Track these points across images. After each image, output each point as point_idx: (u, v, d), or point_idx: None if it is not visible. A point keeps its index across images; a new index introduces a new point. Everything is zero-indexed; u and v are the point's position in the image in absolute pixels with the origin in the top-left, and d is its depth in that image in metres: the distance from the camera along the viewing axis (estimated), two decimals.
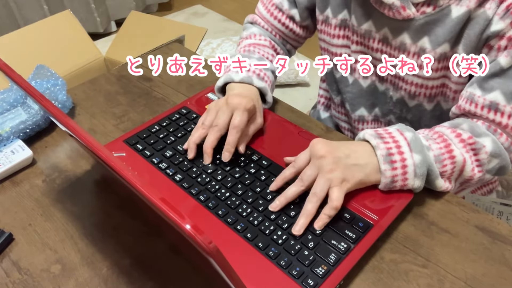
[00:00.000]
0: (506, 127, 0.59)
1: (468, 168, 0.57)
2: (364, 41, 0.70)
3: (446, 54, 0.63)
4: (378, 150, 0.55)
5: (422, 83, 0.68)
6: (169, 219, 0.31)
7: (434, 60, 0.64)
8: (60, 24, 1.45)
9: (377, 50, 0.70)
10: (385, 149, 0.55)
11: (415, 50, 0.65)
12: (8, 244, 0.55)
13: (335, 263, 0.49)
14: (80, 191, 0.62)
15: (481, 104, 0.59)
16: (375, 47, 0.70)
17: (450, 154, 0.56)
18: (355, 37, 0.71)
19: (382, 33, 0.67)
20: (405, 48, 0.66)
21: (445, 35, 0.61)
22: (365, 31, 0.69)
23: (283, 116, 0.72)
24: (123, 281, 0.50)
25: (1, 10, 2.00)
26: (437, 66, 0.65)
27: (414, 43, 0.64)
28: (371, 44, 0.70)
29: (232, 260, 0.35)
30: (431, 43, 0.63)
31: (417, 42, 0.64)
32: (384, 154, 0.55)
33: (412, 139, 0.56)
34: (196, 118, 0.70)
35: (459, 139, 0.58)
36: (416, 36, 0.64)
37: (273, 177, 0.59)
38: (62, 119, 0.43)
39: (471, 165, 0.58)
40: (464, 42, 0.61)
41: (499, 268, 0.51)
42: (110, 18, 2.36)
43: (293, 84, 1.94)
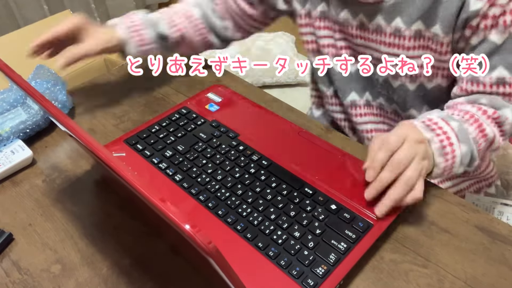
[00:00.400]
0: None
1: (496, 141, 0.62)
2: (344, 29, 0.73)
3: (421, 32, 0.65)
4: (433, 143, 0.56)
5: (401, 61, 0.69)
6: (168, 219, 0.31)
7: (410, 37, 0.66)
8: None
9: (356, 36, 0.72)
10: (438, 142, 0.56)
11: (390, 30, 0.67)
12: (8, 244, 0.55)
13: (335, 263, 0.49)
14: (80, 191, 0.62)
15: (489, 82, 0.62)
16: (354, 34, 0.72)
17: (483, 133, 0.60)
18: (336, 26, 0.74)
19: (358, 19, 0.69)
20: (381, 30, 0.68)
21: (416, 12, 0.63)
22: (343, 20, 0.71)
23: (283, 116, 0.72)
24: (123, 281, 0.50)
25: (1, 10, 2.00)
26: (414, 44, 0.66)
27: (388, 24, 0.66)
28: (350, 31, 0.72)
29: (232, 260, 0.35)
30: (404, 22, 0.65)
31: (391, 22, 0.66)
32: (438, 147, 0.56)
33: (459, 129, 0.57)
34: (196, 118, 0.70)
35: (486, 116, 0.61)
36: (389, 16, 0.66)
37: (273, 177, 0.59)
38: (62, 119, 0.43)
39: (498, 137, 0.62)
40: (441, 22, 0.62)
41: (499, 268, 0.51)
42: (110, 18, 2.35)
43: (293, 84, 1.93)
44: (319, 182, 0.59)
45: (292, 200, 0.56)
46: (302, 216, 0.54)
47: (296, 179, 0.59)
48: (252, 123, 0.70)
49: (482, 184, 0.84)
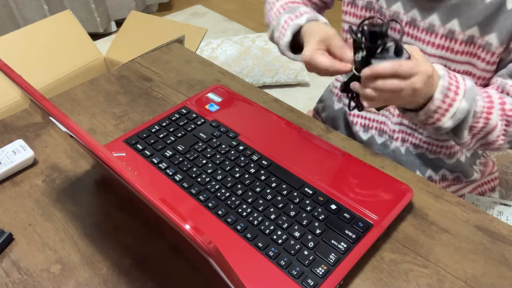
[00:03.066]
0: None
1: (495, 133, 0.61)
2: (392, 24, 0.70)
3: (474, 38, 0.63)
4: (442, 80, 0.56)
5: (446, 65, 0.67)
6: (168, 219, 0.31)
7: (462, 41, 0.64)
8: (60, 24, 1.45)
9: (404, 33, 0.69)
10: (447, 82, 0.57)
11: (443, 32, 0.64)
12: (8, 244, 0.55)
13: (335, 263, 0.49)
14: (80, 191, 0.62)
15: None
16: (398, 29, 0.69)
17: (487, 115, 0.59)
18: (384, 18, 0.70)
19: (410, 15, 0.67)
20: (433, 30, 0.65)
21: (475, 17, 0.61)
22: (393, 13, 0.68)
23: (283, 116, 0.72)
24: (123, 281, 0.50)
25: (1, 10, 2.00)
26: (463, 49, 0.64)
27: (443, 24, 0.64)
28: (398, 26, 0.69)
29: (232, 260, 0.35)
30: (461, 25, 0.62)
31: (447, 24, 0.63)
32: (444, 85, 0.56)
33: (470, 88, 0.58)
34: (196, 118, 0.70)
35: (501, 106, 0.61)
36: (446, 17, 0.63)
37: (273, 177, 0.59)
38: (62, 119, 0.43)
39: (498, 132, 0.61)
40: (499, 31, 0.60)
41: (499, 268, 0.51)
42: (110, 18, 2.36)
43: (293, 84, 1.94)
44: (319, 182, 0.59)
45: (292, 200, 0.56)
46: (302, 216, 0.54)
47: (296, 179, 0.59)
48: (252, 123, 0.70)
49: (485, 188, 0.84)
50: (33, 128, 0.73)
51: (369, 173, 0.60)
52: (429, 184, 0.61)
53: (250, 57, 1.86)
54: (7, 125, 0.74)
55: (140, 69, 0.87)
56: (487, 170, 0.82)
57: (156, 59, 0.90)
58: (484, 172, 0.82)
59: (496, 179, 0.85)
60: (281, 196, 0.57)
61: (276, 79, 1.88)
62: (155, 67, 0.88)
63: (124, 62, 0.94)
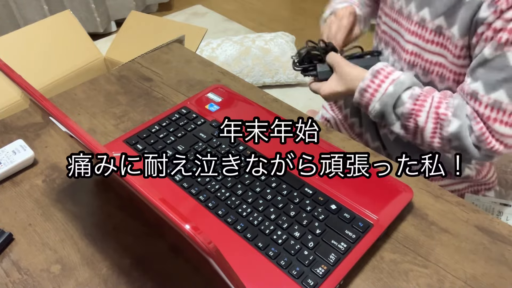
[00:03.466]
0: (482, 116, 0.62)
1: (427, 133, 0.67)
2: (389, 12, 0.77)
3: (442, 28, 0.67)
4: (361, 82, 0.70)
5: (420, 53, 0.72)
6: (169, 219, 0.31)
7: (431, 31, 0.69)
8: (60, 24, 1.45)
9: (395, 20, 0.76)
10: (366, 85, 0.69)
11: (417, 19, 0.70)
12: (8, 244, 0.55)
13: (335, 263, 0.49)
14: (80, 191, 0.62)
15: (466, 91, 0.64)
16: (394, 17, 0.76)
17: (415, 118, 0.67)
18: (385, 9, 0.79)
19: (400, 3, 0.74)
20: (410, 17, 0.71)
21: (442, 7, 0.66)
22: (391, 2, 0.76)
23: (283, 116, 0.72)
24: (123, 281, 0.50)
25: (1, 10, 2.00)
26: (433, 39, 0.69)
27: (417, 12, 0.70)
28: (392, 14, 0.76)
29: (231, 260, 0.35)
30: (430, 14, 0.67)
31: (420, 11, 0.69)
32: (362, 87, 0.69)
33: (388, 94, 0.67)
34: (196, 118, 0.70)
35: (435, 110, 0.66)
36: (420, 5, 0.69)
37: (273, 177, 0.59)
38: (62, 119, 0.43)
39: (431, 133, 0.66)
40: (460, 24, 0.63)
41: (499, 268, 0.51)
42: (110, 18, 2.35)
43: (293, 84, 1.94)
44: (319, 182, 0.59)
45: (292, 200, 0.56)
46: (302, 216, 0.54)
47: (296, 179, 0.59)
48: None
49: (481, 188, 0.84)
50: (33, 128, 0.73)
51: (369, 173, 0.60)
52: (429, 184, 0.61)
53: (250, 57, 1.86)
54: (7, 125, 0.74)
55: (140, 69, 0.87)
56: (483, 170, 0.82)
57: (156, 59, 0.90)
58: (481, 171, 0.82)
59: (494, 181, 0.85)
60: (281, 196, 0.57)
61: (276, 79, 1.88)
62: (155, 67, 0.88)
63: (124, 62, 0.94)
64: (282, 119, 0.69)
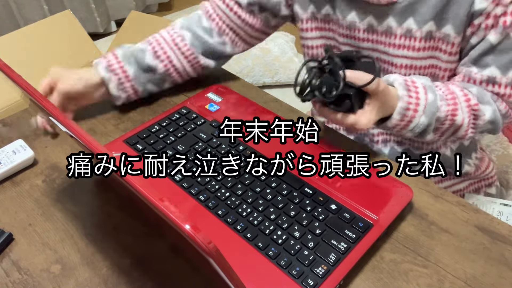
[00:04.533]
0: (504, 96, 0.65)
1: (462, 129, 0.64)
2: (350, 33, 0.71)
3: (432, 32, 0.65)
4: (400, 101, 0.59)
5: (412, 64, 0.68)
6: (168, 219, 0.31)
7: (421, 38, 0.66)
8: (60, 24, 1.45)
9: (363, 39, 0.70)
10: (406, 103, 0.59)
11: (401, 32, 0.66)
12: (8, 244, 0.55)
13: (335, 263, 0.49)
14: (80, 191, 0.62)
15: (479, 79, 0.64)
16: (361, 37, 0.70)
17: (452, 117, 0.62)
18: (341, 30, 0.72)
19: (366, 22, 0.68)
20: (391, 32, 0.67)
21: (429, 13, 0.63)
22: (349, 23, 0.69)
23: (283, 116, 0.72)
24: (123, 281, 0.50)
25: (1, 10, 2.00)
26: (424, 46, 0.66)
27: (399, 25, 0.66)
28: (356, 34, 0.70)
29: (231, 260, 0.35)
30: (417, 22, 0.64)
31: (403, 24, 0.65)
32: (402, 107, 0.59)
33: (431, 102, 0.60)
34: (196, 118, 0.70)
35: (467, 103, 0.63)
36: (401, 18, 0.65)
37: (273, 177, 0.59)
38: (62, 119, 0.43)
39: (466, 127, 0.64)
40: (453, 21, 0.62)
41: (499, 268, 0.51)
42: (110, 18, 2.35)
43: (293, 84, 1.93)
44: (319, 182, 0.59)
45: (292, 200, 0.56)
46: (302, 216, 0.54)
47: (296, 179, 0.59)
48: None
49: (482, 184, 0.84)
50: (33, 128, 0.73)
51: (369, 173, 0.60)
52: (429, 184, 0.61)
53: (250, 57, 1.86)
54: (7, 125, 0.74)
55: None
56: (483, 164, 0.83)
57: None
58: (480, 167, 0.82)
59: (494, 176, 0.86)
60: (281, 196, 0.57)
61: (276, 79, 1.88)
62: None
63: None
64: (282, 119, 0.69)
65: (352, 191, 0.57)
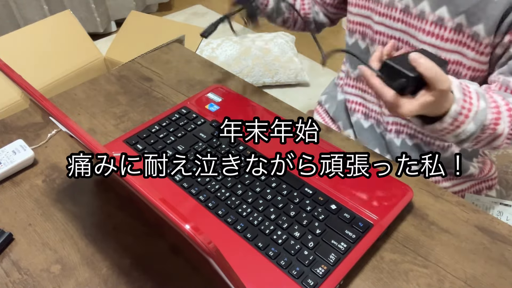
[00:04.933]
0: None
1: (501, 139, 0.62)
2: (387, 11, 0.72)
3: (463, 27, 0.64)
4: (455, 104, 0.57)
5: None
6: (169, 219, 0.31)
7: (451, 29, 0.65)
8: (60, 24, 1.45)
9: (398, 19, 0.71)
10: (460, 107, 0.57)
11: (433, 18, 0.66)
12: (8, 244, 0.55)
13: (335, 263, 0.49)
14: (80, 191, 0.62)
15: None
16: (396, 17, 0.71)
17: (494, 126, 0.60)
18: (379, 7, 0.73)
19: (404, 2, 0.69)
20: (424, 17, 0.67)
21: (463, 5, 0.62)
22: (389, 1, 0.71)
23: (283, 116, 0.72)
24: (123, 281, 0.50)
25: (1, 10, 2.00)
26: (452, 37, 0.65)
27: (433, 11, 0.66)
28: (393, 13, 0.71)
29: (231, 260, 0.35)
30: (450, 12, 0.64)
31: (436, 10, 0.65)
32: (457, 110, 0.57)
33: (481, 110, 0.58)
34: (196, 118, 0.70)
35: (508, 113, 0.61)
36: (436, 4, 0.65)
37: (273, 177, 0.59)
38: (62, 119, 0.43)
39: (505, 137, 0.62)
40: (486, 21, 0.61)
41: (499, 268, 0.51)
42: (110, 18, 2.35)
43: (293, 84, 1.94)
44: (319, 182, 0.59)
45: (292, 200, 0.56)
46: (302, 216, 0.54)
47: (296, 179, 0.59)
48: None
49: (483, 186, 0.84)
50: (33, 128, 0.73)
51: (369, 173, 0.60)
52: (429, 184, 0.61)
53: (250, 57, 1.86)
54: (7, 125, 0.74)
55: (140, 69, 0.87)
56: (485, 168, 0.83)
57: (156, 59, 0.90)
58: (483, 170, 0.82)
59: (495, 178, 0.86)
60: (281, 196, 0.57)
61: (276, 79, 1.88)
62: (155, 67, 0.88)
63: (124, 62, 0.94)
64: (282, 119, 0.69)
65: (352, 191, 0.57)
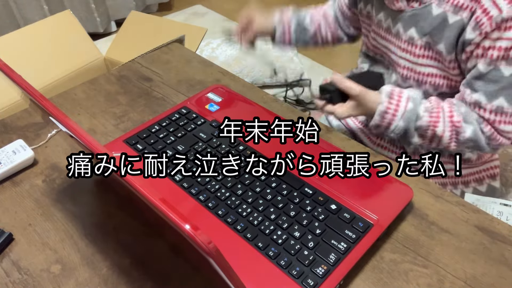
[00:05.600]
0: (488, 120, 0.70)
1: (444, 140, 0.72)
2: (377, 30, 0.82)
3: (430, 44, 0.73)
4: (380, 105, 0.71)
5: (412, 67, 0.77)
6: (168, 219, 0.31)
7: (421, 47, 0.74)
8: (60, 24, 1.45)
9: (383, 37, 0.81)
10: (385, 108, 0.71)
11: (405, 38, 0.76)
12: (8, 244, 0.55)
13: (335, 263, 0.49)
14: (80, 191, 0.62)
15: (469, 101, 0.71)
16: (382, 35, 0.81)
17: (433, 128, 0.71)
18: (374, 26, 0.83)
19: (387, 22, 0.79)
20: (399, 36, 0.77)
21: (427, 28, 0.72)
22: (378, 21, 0.81)
23: (283, 116, 0.72)
24: (123, 281, 0.50)
25: (1, 10, 2.00)
26: (424, 53, 0.74)
27: (405, 32, 0.75)
28: (380, 32, 0.81)
29: (231, 260, 0.35)
30: (418, 33, 0.73)
31: (407, 31, 0.75)
32: (381, 110, 0.71)
33: (409, 111, 0.71)
34: (196, 118, 0.70)
35: (450, 119, 0.71)
36: (407, 25, 0.74)
37: (273, 177, 0.59)
38: (62, 119, 0.43)
39: (448, 139, 0.72)
40: (445, 42, 0.70)
41: (499, 268, 0.51)
42: (110, 18, 2.35)
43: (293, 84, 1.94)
44: (319, 182, 0.59)
45: (292, 200, 0.56)
46: (302, 216, 0.54)
47: (296, 179, 0.59)
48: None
49: (483, 175, 0.85)
50: (33, 128, 0.73)
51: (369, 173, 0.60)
52: (429, 184, 0.61)
53: (250, 57, 1.86)
54: (7, 125, 0.74)
55: (140, 69, 0.87)
56: (485, 154, 0.85)
57: (156, 59, 0.90)
58: (482, 156, 0.84)
59: (497, 167, 0.87)
60: (281, 196, 0.57)
61: (276, 79, 1.88)
62: (155, 67, 0.88)
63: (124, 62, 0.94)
64: (282, 119, 0.69)
65: (352, 191, 0.57)
